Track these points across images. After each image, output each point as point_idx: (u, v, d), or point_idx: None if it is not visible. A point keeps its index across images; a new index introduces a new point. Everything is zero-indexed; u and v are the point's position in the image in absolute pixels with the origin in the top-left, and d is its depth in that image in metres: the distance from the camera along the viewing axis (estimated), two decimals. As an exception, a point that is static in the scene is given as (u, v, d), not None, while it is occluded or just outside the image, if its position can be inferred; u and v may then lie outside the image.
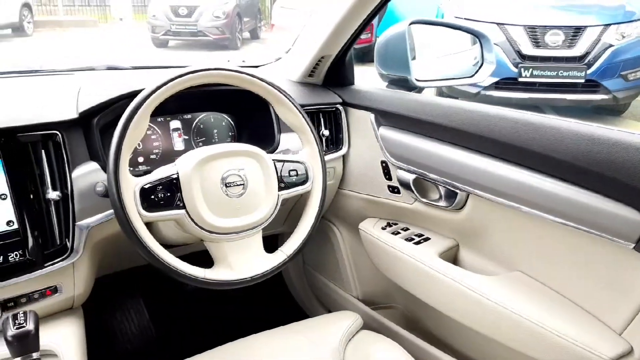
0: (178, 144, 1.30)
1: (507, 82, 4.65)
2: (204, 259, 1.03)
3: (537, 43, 4.60)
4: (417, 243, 1.26)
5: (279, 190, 1.06)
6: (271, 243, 1.11)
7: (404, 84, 1.37)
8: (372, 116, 1.34)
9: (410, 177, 1.25)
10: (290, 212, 1.46)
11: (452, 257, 1.25)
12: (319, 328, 1.18)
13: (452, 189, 1.15)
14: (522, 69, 4.60)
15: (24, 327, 0.81)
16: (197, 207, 0.96)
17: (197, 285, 0.98)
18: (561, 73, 4.57)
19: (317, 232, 1.63)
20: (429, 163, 1.19)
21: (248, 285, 1.03)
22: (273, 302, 1.92)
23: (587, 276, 0.97)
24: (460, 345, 1.31)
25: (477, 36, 1.48)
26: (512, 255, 1.11)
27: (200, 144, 1.32)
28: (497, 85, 4.65)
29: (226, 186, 0.99)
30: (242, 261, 1.02)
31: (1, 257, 0.92)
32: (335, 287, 1.69)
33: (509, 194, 1.01)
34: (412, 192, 1.25)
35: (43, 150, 0.98)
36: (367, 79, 1.52)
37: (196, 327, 1.78)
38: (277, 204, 1.06)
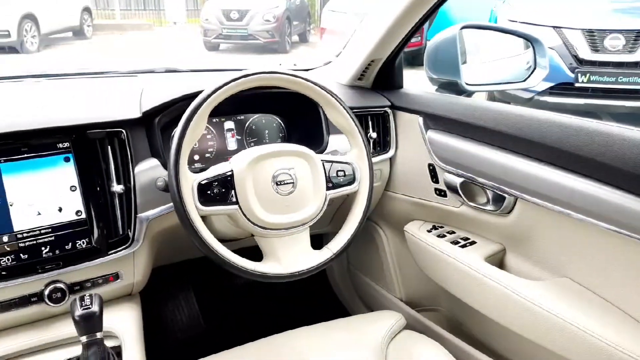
0: (231, 143, 1.35)
1: (563, 88, 4.49)
2: (253, 255, 1.07)
3: (595, 47, 4.42)
4: (463, 246, 1.26)
5: (326, 190, 1.09)
6: (317, 242, 1.14)
7: (454, 88, 1.38)
8: (420, 119, 1.35)
9: (457, 181, 1.25)
10: (336, 213, 1.49)
11: (498, 261, 1.24)
12: (361, 326, 1.20)
13: (500, 193, 1.15)
14: (579, 74, 4.44)
15: (89, 308, 0.87)
16: (249, 203, 1.00)
17: (247, 277, 1.02)
18: (621, 79, 4.38)
19: (362, 234, 1.66)
20: (478, 167, 1.19)
21: (294, 280, 1.07)
22: (316, 299, 1.95)
23: (637, 284, 0.95)
24: (504, 350, 1.30)
25: (530, 40, 1.46)
26: (559, 261, 1.09)
27: (252, 144, 1.37)
28: (551, 91, 4.51)
29: (277, 184, 1.03)
30: (290, 256, 1.06)
31: (70, 244, 1.00)
32: (378, 288, 1.70)
33: (559, 199, 1.00)
34: (459, 195, 1.25)
35: (109, 147, 1.05)
36: (416, 82, 1.53)
37: (243, 320, 1.84)
38: (324, 203, 1.09)
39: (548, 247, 1.11)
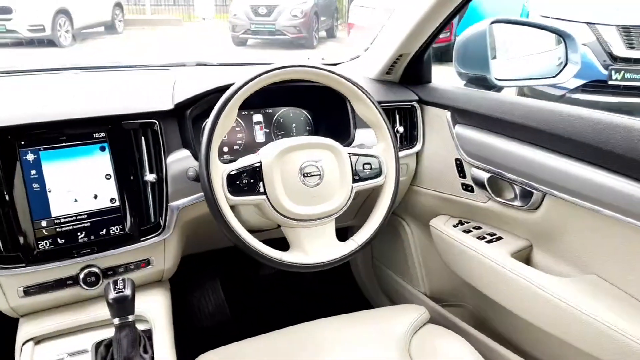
0: (259, 136, 1.38)
1: (596, 85, 4.39)
2: (278, 246, 1.09)
3: (631, 44, 4.30)
4: (489, 242, 1.26)
5: (353, 183, 1.10)
6: (342, 235, 1.15)
7: (483, 82, 1.37)
8: (448, 114, 1.35)
9: (485, 176, 1.25)
10: (361, 207, 1.50)
11: (525, 257, 1.23)
12: (385, 318, 1.21)
13: (528, 188, 1.14)
14: (613, 72, 4.33)
15: (122, 292, 0.90)
16: (277, 194, 1.02)
17: (272, 265, 1.04)
18: (657, 77, 4.26)
19: (387, 228, 1.66)
20: (506, 162, 1.18)
21: (318, 272, 1.08)
22: (340, 292, 1.97)
23: None
24: (530, 347, 1.29)
25: (562, 36, 1.44)
26: (588, 258, 1.08)
27: (280, 136, 1.39)
28: (584, 88, 4.41)
29: (304, 176, 1.05)
30: (316, 247, 1.07)
31: (104, 230, 1.04)
32: (402, 282, 1.70)
33: (588, 195, 0.99)
34: (487, 190, 1.25)
35: (143, 137, 1.09)
36: (444, 79, 1.53)
37: (267, 310, 1.87)
38: (350, 196, 1.10)
39: (576, 243, 1.10)
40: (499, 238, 1.27)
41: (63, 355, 0.98)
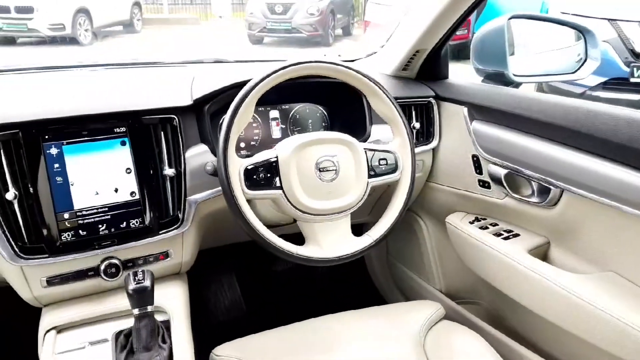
0: (276, 132, 1.39)
1: (617, 83, 4.31)
2: (293, 242, 1.09)
3: (654, 41, 4.23)
4: (506, 239, 1.25)
5: (368, 178, 1.10)
6: (357, 231, 1.15)
7: (500, 79, 1.36)
8: (465, 110, 1.35)
9: (502, 172, 1.24)
10: (376, 203, 1.51)
11: (542, 254, 1.22)
12: (400, 314, 1.21)
13: (546, 185, 1.13)
14: (635, 69, 4.25)
15: (142, 283, 0.92)
16: (293, 188, 1.03)
17: (288, 259, 1.05)
18: (681, 74, 4.17)
19: (402, 225, 1.66)
20: (523, 158, 1.17)
21: (332, 267, 1.09)
22: (354, 287, 1.98)
23: None
24: (547, 344, 1.28)
25: (582, 31, 1.43)
26: (606, 254, 1.07)
27: (296, 132, 1.40)
28: (605, 86, 4.33)
29: (320, 171, 1.05)
30: (331, 241, 1.08)
31: (124, 222, 1.06)
32: (417, 279, 1.70)
33: (607, 192, 0.98)
34: (504, 187, 1.24)
35: (162, 132, 1.10)
36: (461, 76, 1.52)
37: (282, 305, 1.89)
38: (366, 191, 1.10)
39: (594, 240, 1.09)
40: (516, 235, 1.26)
41: (84, 344, 1.00)
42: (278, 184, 1.04)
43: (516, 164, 1.20)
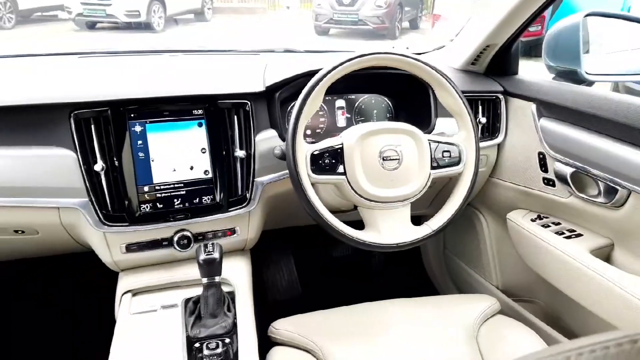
0: (341, 121, 1.43)
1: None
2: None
3: None
4: (568, 238, 1.23)
5: (431, 169, 1.12)
6: (416, 223, 1.17)
7: (572, 77, 1.33)
8: (533, 106, 1.33)
9: (568, 171, 1.22)
10: (436, 196, 1.51)
11: (605, 256, 1.20)
12: (455, 305, 1.22)
13: (613, 185, 1.11)
14: None
15: (212, 254, 1.00)
16: (356, 175, 1.07)
17: (347, 242, 1.09)
18: None
19: (462, 220, 1.66)
20: (592, 157, 1.15)
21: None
22: (409, 278, 1.99)
23: None
24: None
25: (665, 30, 1.37)
26: None
27: (360, 122, 1.43)
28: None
29: (383, 159, 1.08)
30: (390, 228, 1.11)
31: (197, 198, 1.14)
32: (474, 273, 1.70)
33: None
34: (569, 185, 1.22)
35: (235, 116, 1.17)
36: (532, 74, 1.49)
37: (338, 290, 1.94)
38: (427, 181, 1.12)
39: None
40: (579, 235, 1.24)
41: (157, 307, 1.09)
42: (342, 170, 1.08)
43: (584, 163, 1.18)
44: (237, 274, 1.18)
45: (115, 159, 1.07)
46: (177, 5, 9.63)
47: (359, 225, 1.14)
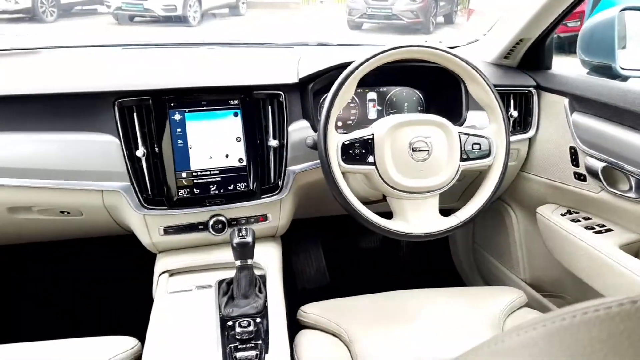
0: (372, 113, 1.45)
1: None
2: None
3: None
4: (598, 232, 1.23)
5: (460, 161, 1.13)
6: (445, 216, 1.19)
7: (607, 72, 1.32)
8: (566, 101, 1.32)
9: (599, 165, 1.21)
10: (466, 190, 1.52)
11: (635, 251, 1.19)
12: (481, 296, 1.23)
13: None
14: None
15: (245, 238, 1.04)
16: (386, 165, 1.09)
17: (376, 230, 1.11)
18: None
19: (491, 213, 1.67)
20: (624, 153, 1.14)
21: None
22: (436, 269, 2.01)
23: None
24: None
25: None
26: None
27: (391, 114, 1.45)
28: None
29: (413, 150, 1.11)
30: (418, 218, 1.13)
31: (232, 185, 1.18)
32: (502, 267, 1.70)
33: None
34: (600, 180, 1.22)
35: (269, 107, 1.21)
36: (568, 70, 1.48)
37: (365, 280, 1.97)
38: (456, 173, 1.13)
39: None
40: (609, 230, 1.24)
41: (192, 287, 1.14)
42: (371, 160, 1.10)
43: (616, 158, 1.17)
44: (269, 259, 1.23)
45: (155, 146, 1.13)
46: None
47: (386, 216, 1.17)
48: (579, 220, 1.31)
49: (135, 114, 1.13)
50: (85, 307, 1.76)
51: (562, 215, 1.35)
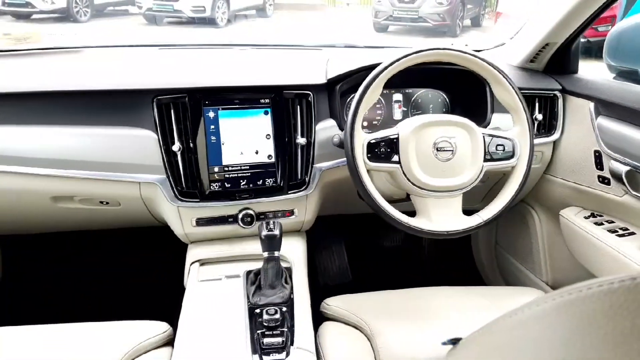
0: (397, 114, 1.48)
1: None
2: None
3: None
4: (621, 236, 1.24)
5: (484, 162, 1.16)
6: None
7: (634, 77, 1.33)
8: (591, 105, 1.34)
9: (623, 169, 1.22)
10: (489, 191, 1.54)
11: None
12: (502, 296, 1.25)
13: None
14: None
15: (273, 231, 1.09)
16: (410, 164, 1.13)
17: (399, 227, 1.14)
18: None
19: (514, 215, 1.68)
20: None
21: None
22: (457, 270, 2.02)
23: None
24: None
25: None
26: None
27: (416, 115, 1.48)
28: None
29: (437, 150, 1.14)
30: (441, 216, 1.16)
31: (261, 180, 1.24)
32: (524, 269, 1.71)
33: None
34: (624, 184, 1.23)
35: (298, 106, 1.26)
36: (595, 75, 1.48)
37: (387, 278, 2.00)
38: (480, 173, 1.16)
39: None
40: (632, 233, 1.24)
41: (221, 277, 1.20)
42: (396, 159, 1.14)
43: None
44: (294, 252, 1.27)
45: (190, 141, 1.19)
46: (240, 1, 9.91)
47: (409, 215, 1.20)
48: (602, 224, 1.31)
49: (172, 110, 1.18)
50: (121, 294, 1.84)
51: (585, 218, 1.36)
